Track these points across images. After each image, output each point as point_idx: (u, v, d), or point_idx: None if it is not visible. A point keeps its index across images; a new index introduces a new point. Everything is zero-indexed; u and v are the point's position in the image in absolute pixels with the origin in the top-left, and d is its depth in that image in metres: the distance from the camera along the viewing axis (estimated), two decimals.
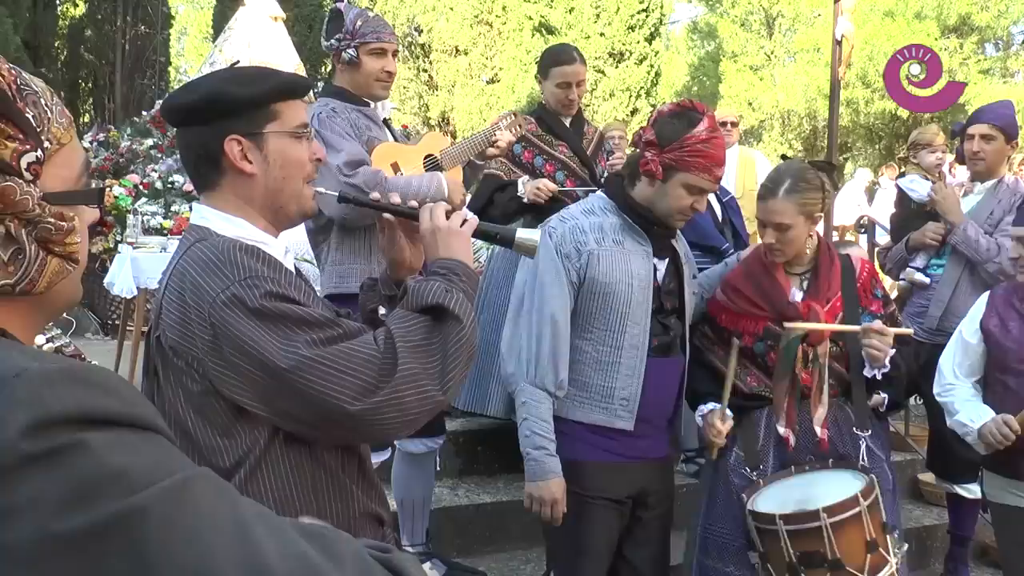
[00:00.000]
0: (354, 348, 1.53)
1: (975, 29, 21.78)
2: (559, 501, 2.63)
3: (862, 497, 2.52)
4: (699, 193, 2.64)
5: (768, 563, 2.61)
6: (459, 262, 1.74)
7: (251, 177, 1.68)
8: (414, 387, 1.54)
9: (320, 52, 15.51)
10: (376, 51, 3.35)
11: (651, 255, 2.75)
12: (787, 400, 2.81)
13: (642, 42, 18.26)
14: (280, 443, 1.59)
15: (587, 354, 2.71)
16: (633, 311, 2.69)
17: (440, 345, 1.59)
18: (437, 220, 1.79)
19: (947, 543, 4.28)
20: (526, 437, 2.66)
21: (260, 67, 1.83)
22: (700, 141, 2.57)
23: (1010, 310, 3.06)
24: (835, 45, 5.77)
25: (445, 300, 1.62)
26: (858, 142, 24.63)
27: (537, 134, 4.13)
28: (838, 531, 2.48)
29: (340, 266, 3.29)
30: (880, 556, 2.53)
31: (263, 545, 0.77)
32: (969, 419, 2.99)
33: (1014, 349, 2.99)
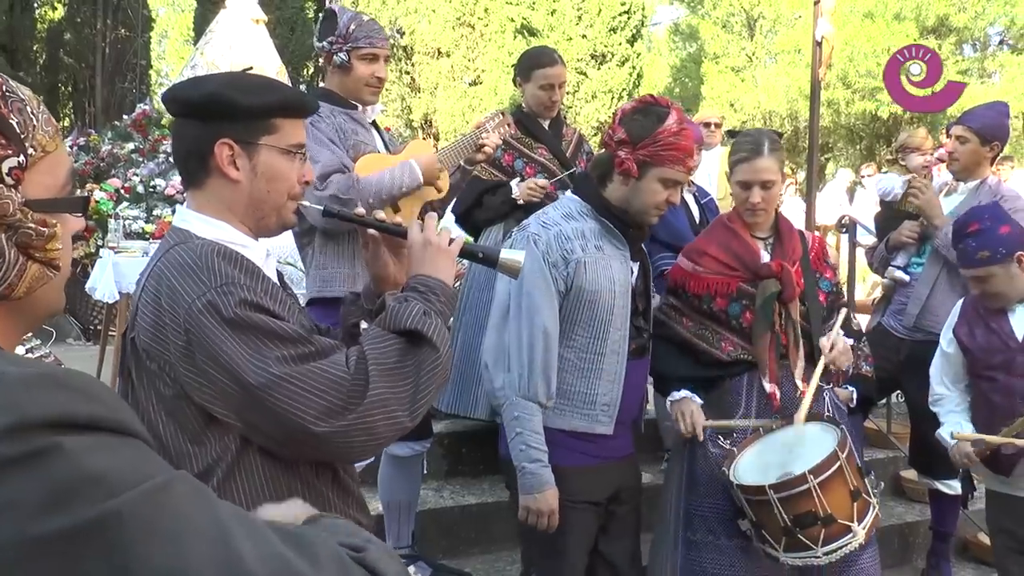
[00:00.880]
0: (325, 368, 1.52)
1: (953, 30, 21.95)
2: (555, 511, 2.64)
3: (840, 451, 2.60)
4: (674, 186, 2.67)
5: (762, 530, 2.66)
6: (440, 281, 1.74)
7: (236, 183, 1.68)
8: (383, 412, 1.54)
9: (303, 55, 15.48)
10: (368, 56, 3.34)
11: (628, 259, 2.77)
12: (770, 355, 2.89)
13: (624, 44, 18.31)
14: (253, 451, 1.58)
15: (569, 361, 2.71)
16: (615, 318, 2.71)
17: (413, 370, 1.58)
18: (428, 233, 1.78)
19: (929, 539, 4.31)
20: (521, 451, 2.64)
21: (271, 79, 1.84)
22: (672, 134, 2.60)
23: (977, 317, 3.18)
24: (815, 46, 5.82)
25: (423, 326, 1.60)
26: (839, 143, 24.78)
27: (517, 137, 4.13)
28: (825, 488, 2.55)
29: (324, 270, 3.28)
30: (864, 501, 2.64)
31: (241, 547, 0.77)
32: (948, 434, 3.17)
33: (980, 356, 3.13)
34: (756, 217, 2.96)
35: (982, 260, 3.04)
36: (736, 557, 2.84)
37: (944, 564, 4.22)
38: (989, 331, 3.13)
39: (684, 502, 2.94)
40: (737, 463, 2.77)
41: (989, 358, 3.11)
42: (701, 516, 2.90)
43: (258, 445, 1.58)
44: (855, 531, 2.59)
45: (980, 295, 3.13)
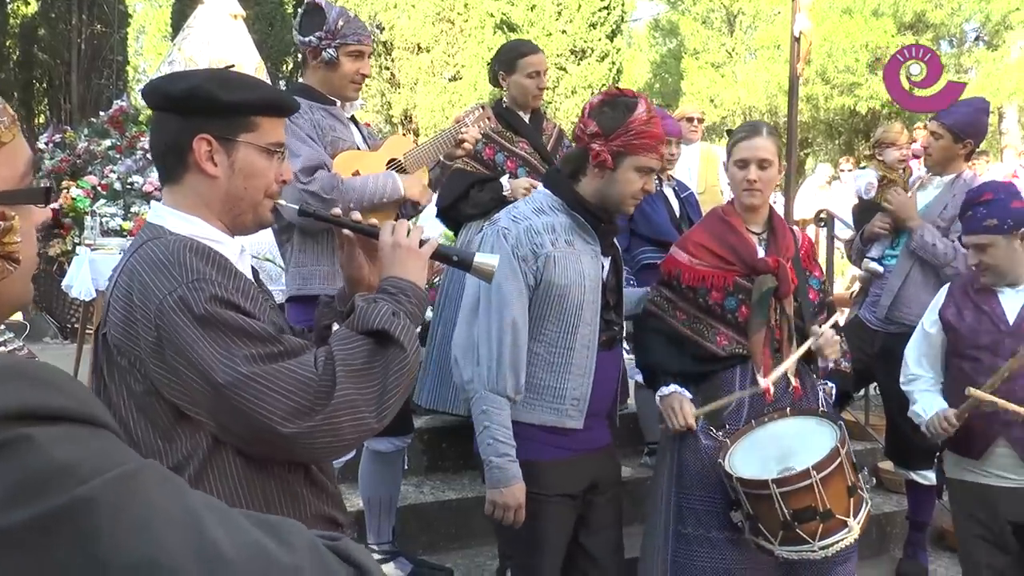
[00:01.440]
0: (292, 368, 1.52)
1: (930, 26, 22.08)
2: (522, 506, 2.64)
3: (840, 447, 2.64)
4: (648, 173, 2.70)
5: (759, 523, 2.68)
6: (411, 283, 1.74)
7: (213, 179, 1.68)
8: (350, 413, 1.53)
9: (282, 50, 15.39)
10: (355, 53, 3.34)
11: (599, 254, 2.78)
12: (764, 351, 2.92)
13: (604, 39, 18.35)
14: (226, 448, 1.58)
15: (539, 356, 2.70)
16: (585, 312, 2.71)
17: (381, 372, 1.58)
18: (399, 236, 1.78)
19: (906, 529, 4.36)
20: (488, 445, 2.64)
21: (253, 77, 1.84)
22: (643, 123, 2.63)
23: (966, 299, 3.23)
24: (793, 42, 5.86)
25: (390, 326, 1.60)
26: (818, 137, 24.92)
27: (498, 131, 4.12)
28: (826, 484, 2.59)
29: (303, 268, 3.27)
30: (859, 496, 2.68)
31: (215, 534, 0.77)
32: (922, 410, 3.21)
33: (967, 335, 3.17)
34: (752, 198, 2.98)
35: (988, 228, 3.07)
36: (727, 550, 2.85)
37: (920, 553, 4.27)
38: (979, 312, 3.17)
39: (675, 495, 2.95)
40: (731, 455, 2.79)
41: (976, 339, 3.15)
42: (691, 509, 2.91)
43: (230, 444, 1.57)
44: (851, 526, 2.63)
45: (975, 268, 3.14)
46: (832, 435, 2.73)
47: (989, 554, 3.18)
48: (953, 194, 4.06)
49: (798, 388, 2.98)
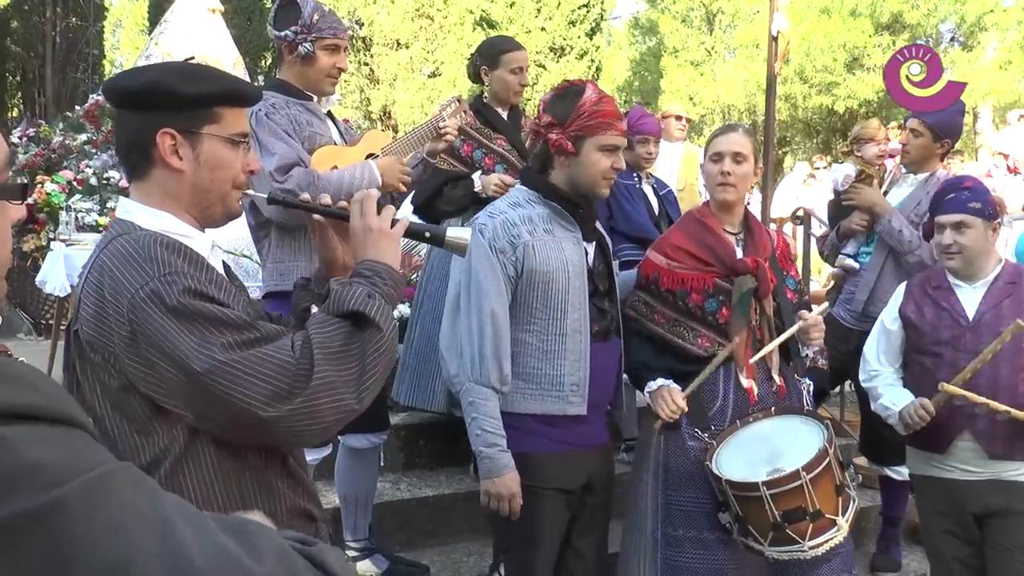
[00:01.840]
0: (270, 353, 1.52)
1: (907, 27, 22.27)
2: (515, 495, 2.66)
3: (828, 446, 2.65)
4: (614, 151, 2.74)
5: (748, 524, 2.69)
6: (385, 265, 1.73)
7: (179, 173, 1.67)
8: (329, 396, 1.53)
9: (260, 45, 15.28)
10: (331, 47, 3.32)
11: (581, 240, 2.81)
12: (746, 352, 2.93)
13: (583, 37, 18.33)
14: (202, 442, 1.57)
15: (531, 345, 2.73)
16: (572, 297, 2.74)
17: (358, 353, 1.58)
18: (368, 218, 1.77)
19: (880, 524, 4.41)
20: (477, 436, 2.67)
21: (212, 68, 1.82)
22: (593, 103, 2.70)
23: (924, 296, 3.28)
24: (771, 41, 5.89)
25: (366, 307, 1.60)
26: (796, 136, 25.07)
27: (476, 127, 4.12)
28: (816, 484, 2.60)
29: (281, 264, 3.26)
30: (847, 495, 2.70)
31: (184, 538, 0.77)
32: (891, 402, 3.22)
33: (928, 332, 3.22)
34: (726, 193, 2.99)
35: (972, 209, 3.12)
36: (719, 550, 2.86)
37: (894, 547, 4.32)
38: (939, 308, 3.22)
39: (662, 496, 2.95)
40: (718, 456, 2.79)
41: (937, 334, 3.20)
42: (682, 510, 2.91)
43: (207, 435, 1.57)
44: (840, 525, 2.65)
45: (946, 251, 3.17)
46: (819, 434, 2.74)
47: (956, 548, 3.24)
48: (927, 191, 4.10)
49: (783, 387, 2.99)
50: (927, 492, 3.34)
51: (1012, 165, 10.46)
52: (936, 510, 3.29)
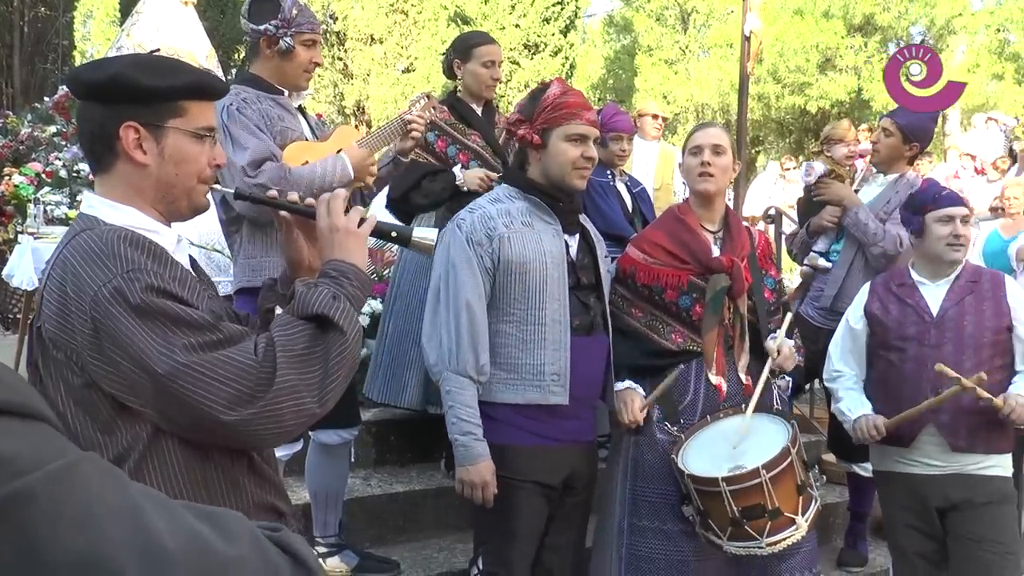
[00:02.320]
0: (232, 356, 1.51)
1: (878, 28, 22.51)
2: (489, 484, 2.70)
3: (791, 446, 2.68)
4: (582, 140, 2.79)
5: (708, 518, 2.72)
6: (352, 266, 1.72)
7: (143, 167, 1.66)
8: (292, 400, 1.52)
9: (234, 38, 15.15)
10: (309, 41, 3.30)
11: (560, 232, 2.85)
12: (717, 349, 2.97)
13: (557, 34, 18.37)
14: (167, 439, 1.56)
15: (511, 336, 2.78)
16: (550, 287, 2.78)
17: (322, 356, 1.57)
18: (335, 217, 1.76)
19: (847, 519, 4.46)
20: (453, 424, 2.72)
21: (178, 60, 1.81)
22: (556, 97, 2.79)
23: (889, 294, 3.38)
24: (744, 41, 5.94)
25: (330, 310, 1.59)
26: (769, 136, 25.26)
27: (450, 123, 4.11)
28: (776, 483, 2.63)
29: (253, 259, 3.23)
30: (808, 495, 2.73)
31: (155, 526, 0.76)
32: (848, 408, 3.34)
33: (894, 328, 3.31)
34: (706, 183, 3.03)
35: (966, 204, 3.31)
36: (682, 542, 2.90)
37: (861, 543, 4.38)
38: (903, 305, 3.32)
39: (630, 488, 2.98)
40: (685, 451, 2.82)
41: (902, 330, 3.29)
42: (648, 502, 2.94)
43: (172, 433, 1.56)
44: (799, 524, 2.68)
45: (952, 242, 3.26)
46: (784, 434, 2.77)
47: (918, 543, 3.32)
48: (896, 191, 4.17)
49: (749, 386, 3.02)
50: (891, 488, 3.42)
51: (979, 166, 10.61)
52: (899, 505, 3.37)
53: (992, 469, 3.22)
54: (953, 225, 3.26)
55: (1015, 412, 3.04)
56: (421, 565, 3.75)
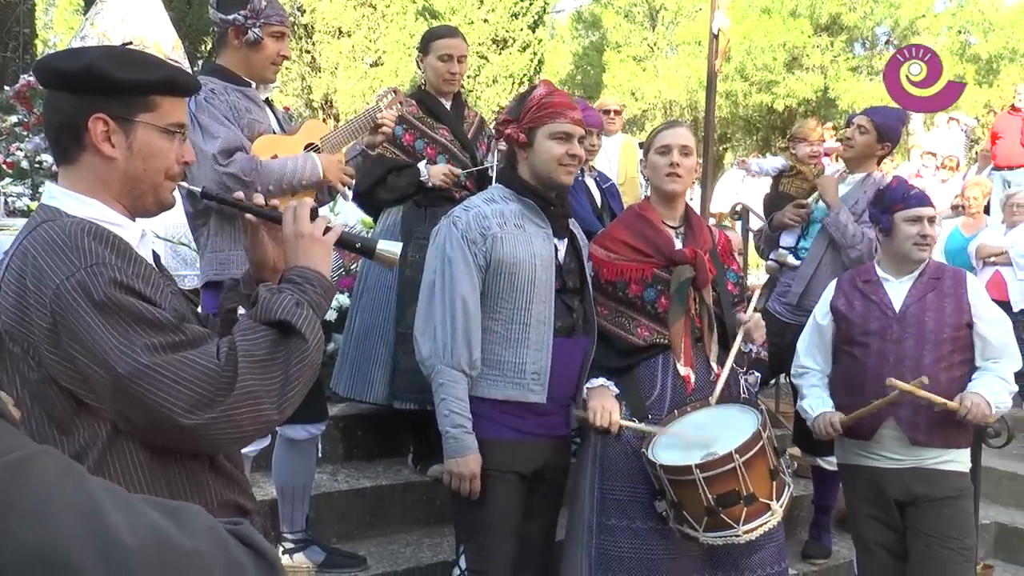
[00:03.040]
0: (194, 359, 1.50)
1: (844, 28, 22.76)
2: (476, 476, 2.76)
3: (763, 430, 2.70)
4: (567, 139, 2.86)
5: (683, 510, 2.73)
6: (316, 273, 1.72)
7: (111, 161, 1.63)
8: (251, 405, 1.51)
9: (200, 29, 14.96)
10: (277, 33, 3.28)
11: (551, 236, 2.92)
12: (685, 340, 3.00)
13: (526, 30, 18.39)
14: (127, 437, 1.54)
15: (496, 333, 2.84)
16: (538, 289, 2.85)
17: (283, 363, 1.56)
18: (301, 224, 1.76)
19: (812, 512, 4.52)
20: (445, 416, 2.77)
21: (151, 55, 1.78)
22: (542, 96, 2.88)
23: (854, 290, 3.46)
24: (712, 39, 5.97)
25: (293, 317, 1.59)
26: (737, 133, 25.45)
27: (418, 116, 4.10)
28: (749, 467, 2.64)
29: (220, 253, 3.20)
30: (781, 480, 2.75)
31: (113, 519, 0.76)
32: (810, 406, 3.44)
33: (858, 323, 3.39)
34: (674, 183, 3.06)
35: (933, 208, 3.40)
36: (652, 540, 2.91)
37: (825, 535, 4.45)
38: (868, 301, 3.40)
39: (598, 487, 3.00)
40: (655, 444, 2.83)
41: (866, 325, 3.37)
42: (615, 500, 2.96)
43: (129, 433, 1.54)
44: (774, 509, 2.69)
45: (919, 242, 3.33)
46: (754, 420, 2.79)
47: (879, 533, 3.40)
48: (864, 191, 4.22)
49: (719, 375, 3.03)
50: (853, 480, 3.50)
51: (940, 164, 10.78)
52: (861, 497, 3.45)
53: (950, 464, 3.29)
54: (921, 225, 3.32)
55: (971, 412, 3.12)
56: (388, 560, 3.74)
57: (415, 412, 3.95)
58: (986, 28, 22.55)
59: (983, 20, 22.61)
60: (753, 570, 2.94)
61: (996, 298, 4.59)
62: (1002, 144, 9.38)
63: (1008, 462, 5.73)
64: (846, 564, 4.24)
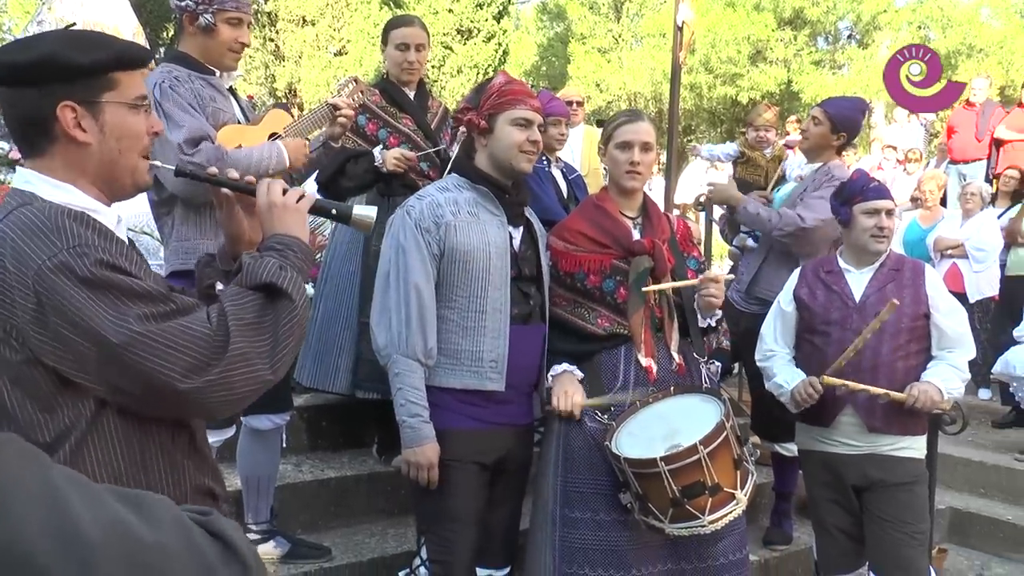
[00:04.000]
0: (187, 325, 1.52)
1: (808, 22, 22.95)
2: (434, 465, 2.76)
3: (726, 420, 2.72)
4: (528, 125, 2.87)
5: (648, 502, 2.73)
6: (294, 238, 1.76)
7: (85, 146, 1.62)
8: (244, 367, 1.54)
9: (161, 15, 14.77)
10: (233, 20, 3.22)
11: (506, 224, 2.92)
12: (645, 330, 3.01)
13: (490, 20, 18.33)
14: (107, 417, 1.54)
15: (453, 322, 2.84)
16: (493, 277, 2.85)
17: (272, 324, 1.60)
18: (273, 195, 1.79)
19: (772, 499, 4.59)
20: (401, 406, 2.77)
21: (100, 32, 1.76)
22: (502, 84, 2.90)
23: (817, 280, 3.51)
24: (676, 31, 5.99)
25: (278, 278, 1.62)
26: (701, 125, 25.58)
27: (381, 106, 4.09)
28: (713, 458, 2.66)
29: (186, 242, 3.17)
30: (744, 469, 2.76)
31: (76, 511, 0.75)
32: (784, 381, 3.43)
33: (819, 312, 3.45)
34: (634, 180, 3.07)
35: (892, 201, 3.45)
36: (615, 531, 2.92)
37: (785, 522, 4.51)
38: (829, 291, 3.45)
39: (561, 479, 3.00)
40: (618, 437, 2.84)
41: (827, 314, 3.42)
42: (579, 492, 2.96)
43: (114, 410, 1.54)
44: (738, 498, 2.71)
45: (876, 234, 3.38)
46: (717, 410, 2.81)
47: (838, 517, 3.48)
48: (814, 179, 4.28)
49: (682, 366, 3.07)
50: (812, 465, 3.57)
51: (904, 158, 10.93)
52: (820, 482, 3.52)
53: (906, 451, 3.36)
54: (878, 218, 3.38)
55: (919, 401, 3.20)
56: (352, 550, 3.74)
57: (379, 402, 3.93)
58: (944, 24, 22.86)
59: (942, 16, 22.91)
60: (716, 558, 2.97)
61: (953, 289, 4.68)
62: (957, 138, 9.52)
63: (963, 448, 5.86)
64: (806, 550, 4.30)
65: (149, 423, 1.60)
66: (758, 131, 5.05)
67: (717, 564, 2.97)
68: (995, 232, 7.11)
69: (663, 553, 2.95)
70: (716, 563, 2.97)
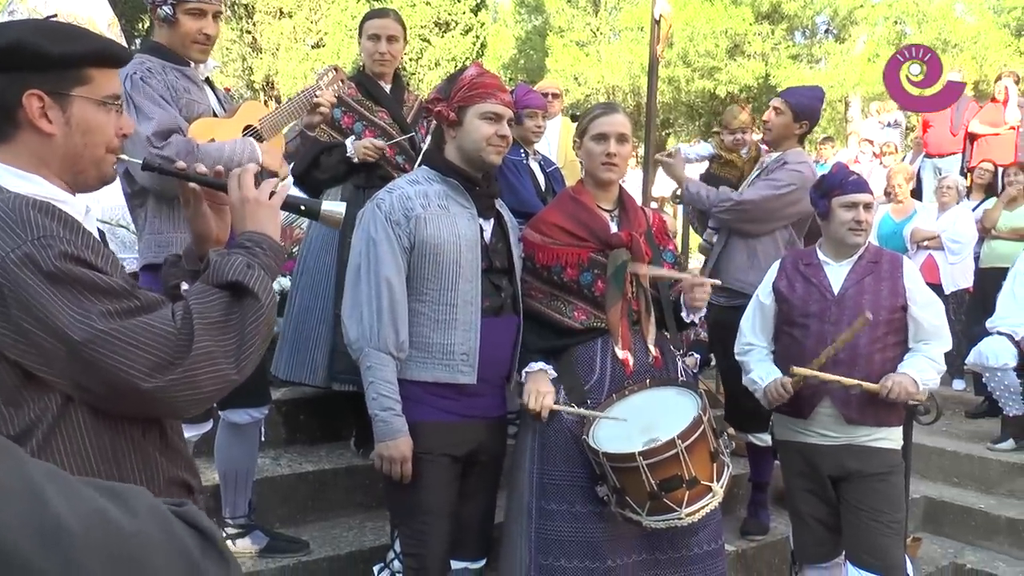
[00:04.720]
0: (150, 323, 1.49)
1: (785, 17, 23.04)
2: (407, 459, 2.75)
3: (702, 414, 2.73)
4: (497, 119, 2.87)
5: (626, 495, 2.75)
6: (265, 236, 1.74)
7: (49, 137, 1.60)
8: (209, 366, 1.52)
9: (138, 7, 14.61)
10: (194, 11, 3.16)
11: (476, 216, 2.91)
12: (622, 323, 3.01)
13: (468, 13, 18.30)
14: (76, 410, 1.52)
15: (424, 315, 2.82)
16: (464, 269, 2.83)
17: (238, 323, 1.58)
18: (246, 190, 1.77)
19: (749, 490, 4.62)
20: (373, 400, 2.76)
21: (80, 27, 1.73)
22: (473, 77, 2.89)
23: (796, 272, 3.53)
24: (654, 24, 6.00)
25: (245, 277, 1.60)
26: (679, 119, 25.63)
27: (357, 99, 4.08)
28: (691, 452, 2.68)
29: (159, 235, 3.14)
30: (721, 462, 2.79)
31: (55, 504, 0.74)
32: (759, 377, 3.47)
33: (798, 305, 3.47)
34: (610, 172, 3.08)
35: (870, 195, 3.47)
36: (591, 523, 2.92)
37: (762, 512, 4.55)
38: (808, 284, 3.48)
39: (537, 471, 3.00)
40: (595, 430, 2.85)
41: (806, 307, 3.45)
42: (555, 485, 2.96)
43: (82, 404, 1.52)
44: (715, 491, 2.73)
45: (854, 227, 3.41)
46: (693, 403, 2.82)
47: (814, 506, 3.51)
48: (769, 166, 4.36)
49: (658, 359, 3.08)
50: (789, 455, 3.60)
51: (881, 152, 11.01)
52: (797, 472, 3.54)
53: (882, 441, 3.40)
54: (856, 211, 3.40)
55: (893, 392, 3.23)
56: (330, 544, 3.73)
57: (357, 395, 3.92)
58: (920, 19, 23.04)
59: (917, 12, 23.09)
60: (691, 548, 2.99)
61: (929, 281, 4.72)
62: (933, 132, 9.60)
63: (937, 438, 5.93)
64: (783, 540, 4.33)
65: (119, 417, 1.57)
66: (734, 134, 5.08)
67: (691, 554, 2.99)
68: (970, 225, 7.19)
69: (638, 544, 2.97)
70: (691, 553, 2.99)
